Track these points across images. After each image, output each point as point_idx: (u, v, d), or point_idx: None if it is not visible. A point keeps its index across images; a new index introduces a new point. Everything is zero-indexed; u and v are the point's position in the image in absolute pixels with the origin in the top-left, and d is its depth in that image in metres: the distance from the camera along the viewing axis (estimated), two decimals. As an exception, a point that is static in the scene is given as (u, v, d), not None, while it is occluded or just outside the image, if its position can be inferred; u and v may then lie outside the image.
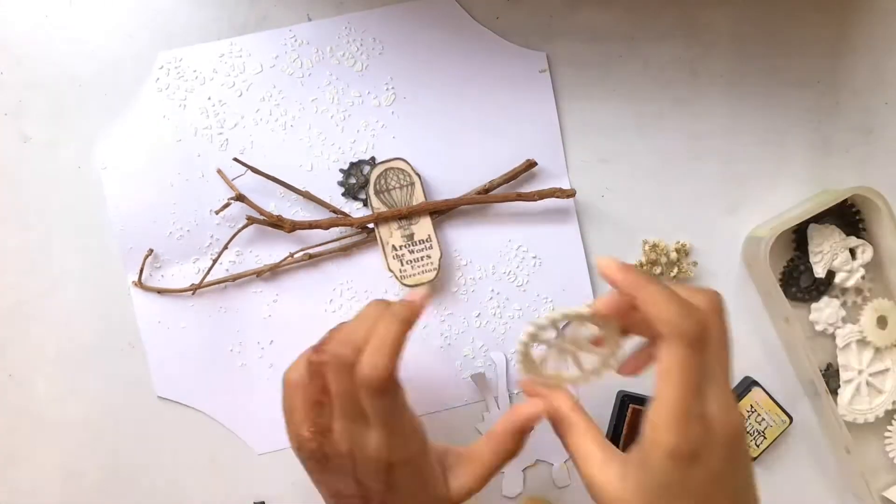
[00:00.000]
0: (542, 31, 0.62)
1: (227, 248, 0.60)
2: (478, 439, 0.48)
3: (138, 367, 0.61)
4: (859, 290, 0.63)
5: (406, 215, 0.60)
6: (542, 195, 0.61)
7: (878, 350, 0.63)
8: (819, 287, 0.63)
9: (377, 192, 0.60)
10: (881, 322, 0.63)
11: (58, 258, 0.61)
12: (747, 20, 0.63)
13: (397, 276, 0.60)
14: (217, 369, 0.62)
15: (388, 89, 0.61)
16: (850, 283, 0.62)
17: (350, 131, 0.61)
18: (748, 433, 0.62)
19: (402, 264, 0.60)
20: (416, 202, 0.60)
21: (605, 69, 0.62)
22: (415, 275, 0.60)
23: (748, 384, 0.62)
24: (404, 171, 0.60)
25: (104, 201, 0.61)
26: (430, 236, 0.60)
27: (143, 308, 0.61)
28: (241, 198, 0.59)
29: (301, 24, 0.61)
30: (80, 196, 0.61)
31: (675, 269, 0.62)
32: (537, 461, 0.63)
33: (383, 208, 0.60)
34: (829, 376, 0.63)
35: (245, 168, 0.60)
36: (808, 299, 0.63)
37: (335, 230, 0.61)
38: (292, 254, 0.61)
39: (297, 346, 0.61)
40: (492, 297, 0.62)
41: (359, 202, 0.62)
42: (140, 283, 0.61)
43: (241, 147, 0.61)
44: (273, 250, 0.61)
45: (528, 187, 0.62)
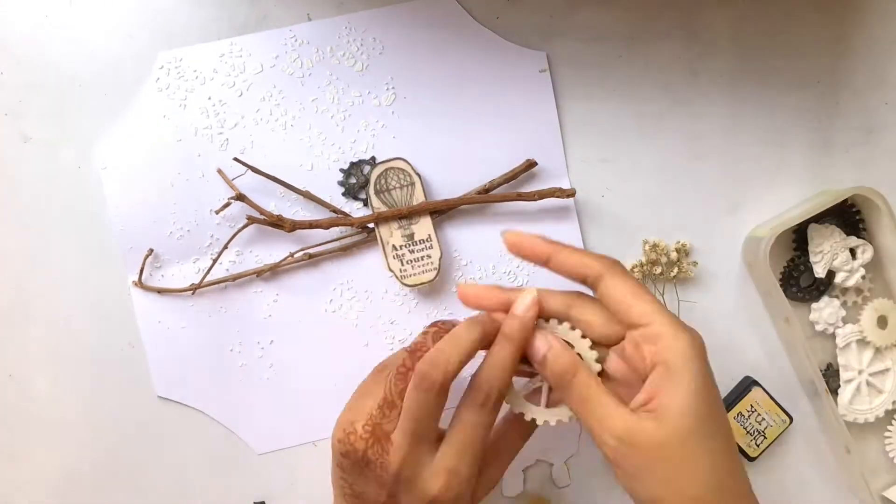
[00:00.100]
0: (542, 31, 0.62)
1: (227, 247, 0.60)
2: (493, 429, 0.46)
3: (138, 367, 0.61)
4: (859, 290, 0.63)
5: (406, 215, 0.60)
6: (542, 195, 0.61)
7: (878, 350, 0.63)
8: (819, 287, 0.63)
9: (377, 192, 0.60)
10: (881, 322, 0.63)
11: (58, 258, 0.61)
12: (747, 20, 0.63)
13: (397, 276, 0.60)
14: (217, 369, 0.62)
15: (388, 89, 0.61)
16: (850, 283, 0.62)
17: (350, 131, 0.61)
18: (748, 433, 0.62)
19: (402, 264, 0.60)
20: (416, 202, 0.60)
21: (605, 69, 0.62)
22: (415, 274, 0.60)
23: (748, 384, 0.62)
24: (404, 170, 0.60)
25: (104, 201, 0.61)
26: (430, 236, 0.60)
27: (143, 308, 0.61)
28: (241, 197, 0.59)
29: (301, 24, 0.61)
30: (80, 196, 0.61)
31: (675, 269, 0.62)
32: (537, 461, 0.63)
33: (383, 208, 0.60)
34: (829, 376, 0.63)
35: (245, 168, 0.60)
36: (808, 299, 0.63)
37: (335, 230, 0.61)
38: (292, 253, 0.61)
39: (297, 346, 0.62)
40: (492, 297, 0.62)
41: (359, 202, 0.62)
42: (140, 283, 0.61)
43: (241, 147, 0.61)
44: (273, 250, 0.61)
45: (528, 187, 0.62)
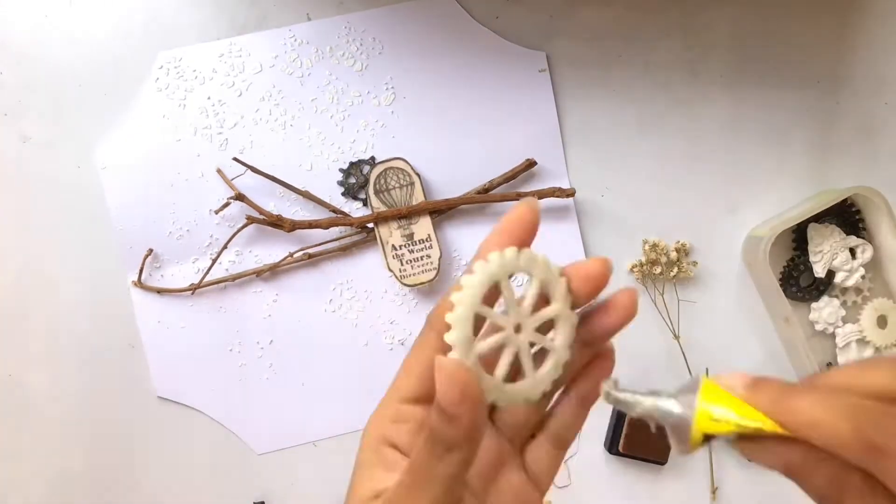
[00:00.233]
0: (541, 31, 0.62)
1: (226, 247, 0.60)
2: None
3: (138, 367, 0.61)
4: (859, 290, 0.63)
5: (406, 215, 0.60)
6: (541, 194, 0.61)
7: (878, 349, 0.63)
8: (819, 287, 0.63)
9: (377, 192, 0.60)
10: (881, 321, 0.63)
11: (58, 258, 0.61)
12: (747, 20, 0.63)
13: (397, 276, 0.60)
14: (217, 369, 0.62)
15: (387, 89, 0.61)
16: (850, 282, 0.62)
17: (350, 131, 0.61)
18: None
19: (401, 264, 0.60)
20: (415, 202, 0.60)
21: (605, 69, 0.62)
22: (414, 274, 0.60)
23: (748, 384, 0.62)
24: (404, 170, 0.60)
25: (104, 201, 0.61)
26: (429, 236, 0.60)
27: (142, 308, 0.61)
28: (240, 197, 0.59)
29: (301, 24, 0.61)
30: (80, 196, 0.61)
31: (675, 269, 0.62)
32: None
33: (383, 208, 0.60)
34: (829, 376, 0.63)
35: (245, 168, 0.60)
36: (808, 299, 0.63)
37: (335, 230, 0.61)
38: (292, 253, 0.61)
39: (296, 346, 0.62)
40: (492, 297, 0.62)
41: (358, 202, 0.62)
42: (140, 283, 0.61)
43: (240, 147, 0.61)
44: (273, 250, 0.61)
45: (527, 187, 0.62)
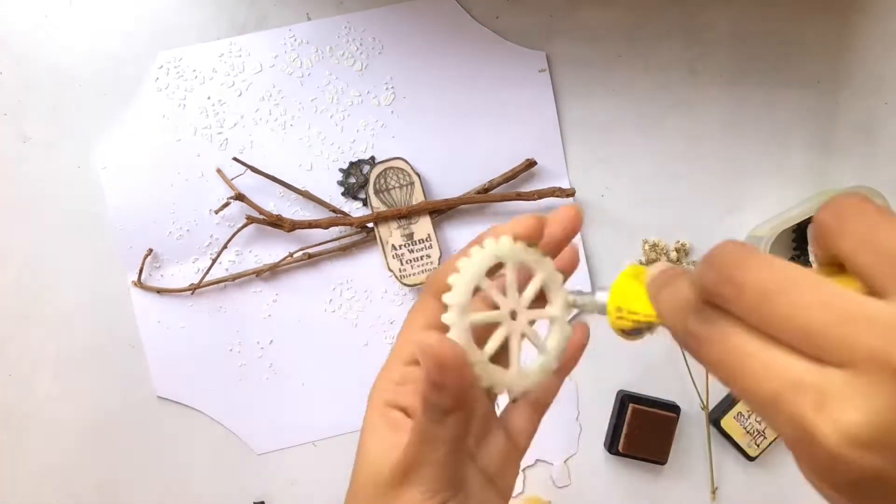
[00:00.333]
0: (541, 31, 0.62)
1: (226, 247, 0.60)
2: None
3: (138, 367, 0.61)
4: (859, 290, 0.63)
5: (406, 215, 0.60)
6: (541, 195, 0.60)
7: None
8: (819, 287, 0.63)
9: (377, 192, 0.60)
10: (881, 322, 0.62)
11: (58, 258, 0.61)
12: (747, 20, 0.63)
13: (397, 276, 0.60)
14: (217, 369, 0.62)
15: (387, 89, 0.61)
16: (851, 282, 0.62)
17: (350, 131, 0.61)
18: (748, 433, 0.62)
19: (401, 263, 0.60)
20: (415, 202, 0.60)
21: (605, 69, 0.62)
22: (414, 274, 0.60)
23: (748, 384, 0.62)
24: (404, 170, 0.60)
25: (104, 201, 0.61)
26: (429, 235, 0.60)
27: (142, 308, 0.61)
28: (240, 197, 0.59)
29: (301, 24, 0.61)
30: (80, 196, 0.61)
31: (675, 269, 0.62)
32: (537, 461, 0.63)
33: (383, 208, 0.60)
34: (829, 376, 0.63)
35: (244, 167, 0.60)
36: (809, 299, 0.63)
37: (335, 230, 0.61)
38: (292, 253, 0.61)
39: (296, 345, 0.62)
40: (491, 297, 0.62)
41: (358, 202, 0.62)
42: (140, 283, 0.61)
43: (240, 146, 0.61)
44: (272, 250, 0.61)
45: (527, 187, 0.62)
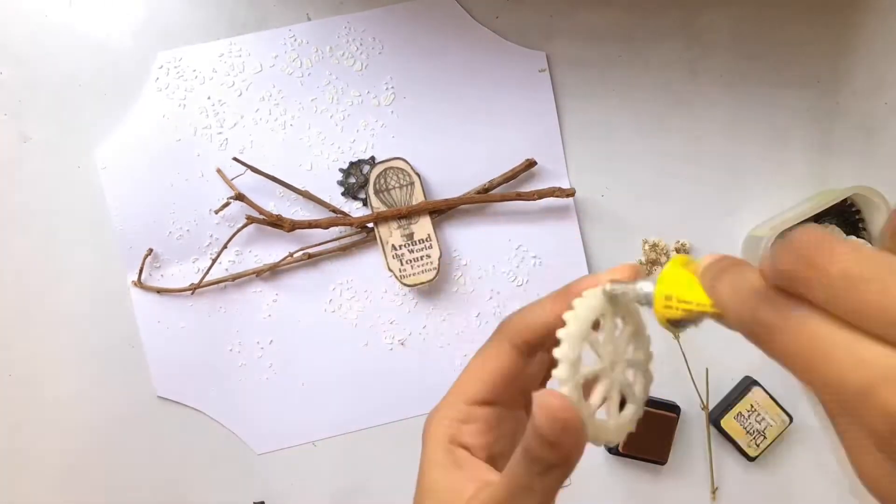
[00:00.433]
0: (541, 31, 0.62)
1: (226, 247, 0.60)
2: None
3: (138, 367, 0.61)
4: (859, 290, 0.63)
5: (406, 215, 0.60)
6: (541, 194, 0.61)
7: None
8: (819, 287, 0.63)
9: (377, 192, 0.60)
10: (881, 322, 0.62)
11: (58, 258, 0.61)
12: (747, 20, 0.63)
13: (397, 276, 0.60)
14: (217, 369, 0.62)
15: (387, 89, 0.61)
16: (851, 282, 0.62)
17: (350, 131, 0.61)
18: (748, 433, 0.62)
19: (401, 264, 0.60)
20: (415, 202, 0.60)
21: (605, 69, 0.62)
22: (414, 274, 0.60)
23: (748, 384, 0.62)
24: (404, 170, 0.60)
25: (104, 201, 0.61)
26: (429, 236, 0.60)
27: (142, 308, 0.61)
28: (240, 197, 0.59)
29: (301, 24, 0.61)
30: (80, 196, 0.61)
31: (675, 269, 0.62)
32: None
33: (383, 208, 0.60)
34: (829, 376, 0.63)
35: (244, 167, 0.60)
36: (809, 299, 0.63)
37: (335, 230, 0.61)
38: (292, 253, 0.61)
39: (296, 345, 0.62)
40: (492, 297, 0.62)
41: (358, 202, 0.62)
42: (140, 283, 0.61)
43: (240, 146, 0.61)
44: (272, 250, 0.61)
45: (527, 187, 0.62)
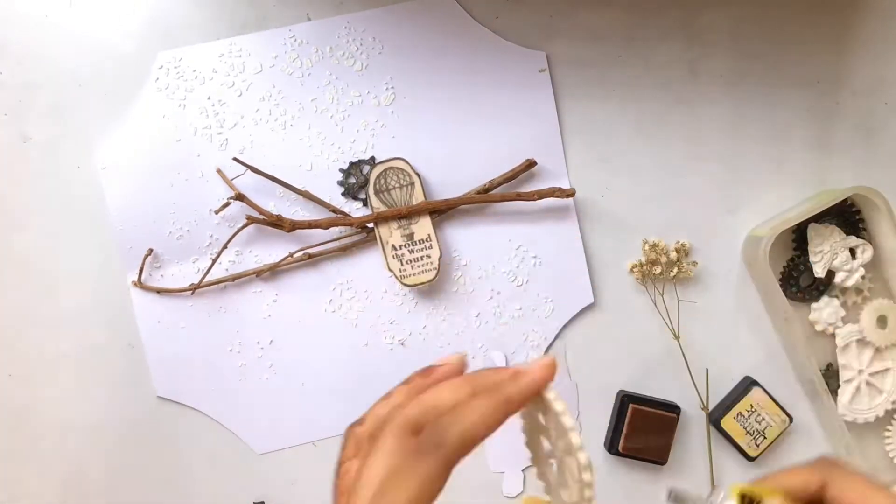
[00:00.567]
0: (541, 31, 0.62)
1: (226, 247, 0.60)
2: None
3: (138, 367, 0.61)
4: (859, 290, 0.63)
5: (406, 215, 0.60)
6: (541, 195, 0.61)
7: (878, 350, 0.63)
8: (819, 287, 0.63)
9: (377, 192, 0.60)
10: (881, 322, 0.63)
11: (58, 258, 0.61)
12: (747, 20, 0.63)
13: (397, 276, 0.60)
14: (217, 369, 0.62)
15: (387, 89, 0.61)
16: (850, 282, 0.62)
17: (350, 131, 0.61)
18: (748, 433, 0.62)
19: (401, 264, 0.60)
20: (415, 202, 0.60)
21: (605, 69, 0.62)
22: (414, 274, 0.60)
23: (748, 384, 0.62)
24: (404, 170, 0.60)
25: (104, 201, 0.61)
26: (429, 236, 0.60)
27: (142, 308, 0.61)
28: (240, 197, 0.59)
29: (301, 24, 0.61)
30: (80, 196, 0.61)
31: (675, 269, 0.62)
32: (537, 461, 0.63)
33: (383, 208, 0.60)
34: (829, 376, 0.63)
35: (245, 168, 0.60)
36: (808, 299, 0.63)
37: (335, 230, 0.61)
38: (292, 253, 0.61)
39: (296, 346, 0.62)
40: (492, 297, 0.62)
41: (358, 202, 0.62)
42: (140, 283, 0.61)
43: (240, 147, 0.61)
44: (272, 250, 0.61)
45: (527, 187, 0.62)
